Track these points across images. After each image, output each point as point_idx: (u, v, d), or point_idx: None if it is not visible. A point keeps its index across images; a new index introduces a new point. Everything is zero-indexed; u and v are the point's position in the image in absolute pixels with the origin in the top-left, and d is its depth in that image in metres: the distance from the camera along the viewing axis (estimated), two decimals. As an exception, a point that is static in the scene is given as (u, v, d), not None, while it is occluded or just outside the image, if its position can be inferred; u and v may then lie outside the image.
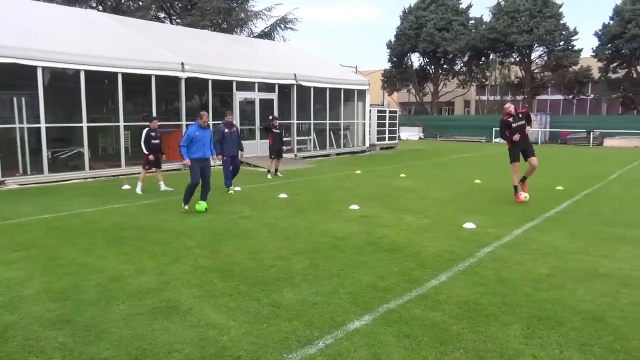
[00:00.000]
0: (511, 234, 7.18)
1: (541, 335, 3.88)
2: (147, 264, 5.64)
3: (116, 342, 3.73)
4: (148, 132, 10.65)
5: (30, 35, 12.96)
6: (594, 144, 30.87)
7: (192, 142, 8.57)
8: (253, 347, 3.66)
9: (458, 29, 41.89)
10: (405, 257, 5.97)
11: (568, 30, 38.91)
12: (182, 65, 15.16)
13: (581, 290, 4.86)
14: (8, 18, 13.88)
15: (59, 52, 12.59)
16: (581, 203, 9.88)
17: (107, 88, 15.42)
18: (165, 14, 32.85)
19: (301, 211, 8.78)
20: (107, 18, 18.21)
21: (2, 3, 15.25)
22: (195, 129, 8.63)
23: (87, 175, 13.22)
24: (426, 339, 3.80)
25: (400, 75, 47.43)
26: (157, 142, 10.81)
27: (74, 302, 4.48)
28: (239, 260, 5.78)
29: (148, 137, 10.63)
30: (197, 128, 8.64)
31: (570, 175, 14.64)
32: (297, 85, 19.45)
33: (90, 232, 7.17)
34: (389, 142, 26.21)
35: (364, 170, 15.52)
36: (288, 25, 33.12)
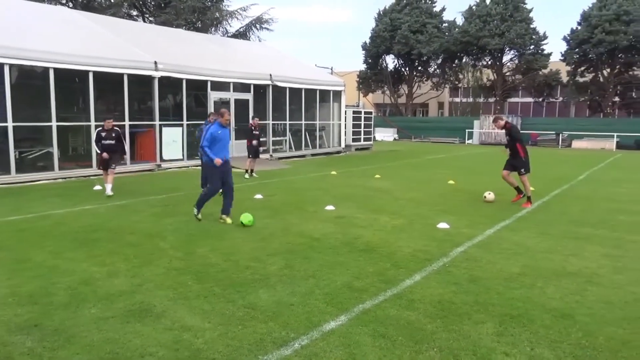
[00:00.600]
0: (483, 233, 7.31)
1: (513, 333, 3.96)
2: (120, 266, 5.54)
3: (87, 347, 3.64)
4: (99, 132, 10.25)
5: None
6: (563, 145, 31.68)
7: (214, 142, 7.82)
8: (228, 349, 3.63)
9: (432, 31, 42.42)
10: (380, 257, 6.02)
11: (538, 35, 39.84)
12: (155, 64, 14.94)
13: (551, 289, 4.98)
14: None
15: (27, 49, 12.24)
16: (551, 203, 10.12)
17: (77, 87, 15.07)
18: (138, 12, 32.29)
19: (277, 212, 8.75)
20: (78, 15, 17.80)
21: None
22: (216, 127, 7.89)
23: (57, 175, 12.89)
24: (401, 338, 3.84)
25: (375, 77, 47.76)
26: (110, 142, 10.20)
27: (42, 306, 4.37)
28: (213, 262, 5.73)
29: (98, 137, 10.20)
30: (219, 127, 7.90)
31: (541, 176, 14.97)
32: (272, 85, 19.39)
33: (60, 234, 7.00)
34: (364, 143, 26.37)
35: (339, 171, 15.57)
36: (263, 25, 33.00)
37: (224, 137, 7.95)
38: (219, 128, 7.91)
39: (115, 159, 10.48)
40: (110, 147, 10.23)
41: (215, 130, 7.88)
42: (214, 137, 7.81)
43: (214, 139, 7.81)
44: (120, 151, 10.67)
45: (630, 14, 34.47)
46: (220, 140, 7.87)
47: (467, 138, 35.72)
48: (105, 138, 10.17)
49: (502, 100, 44.27)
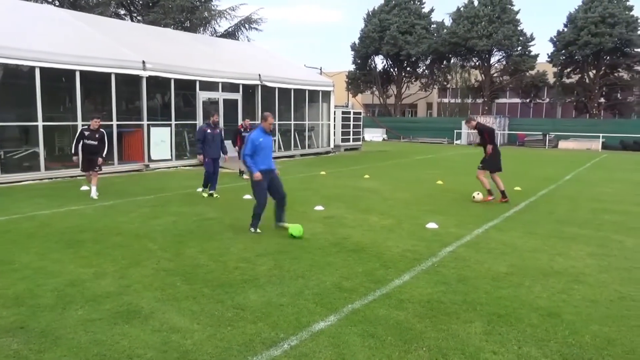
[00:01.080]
0: (472, 233, 7.36)
1: (501, 332, 3.99)
2: (107, 267, 5.49)
3: (74, 349, 3.61)
4: (82, 131, 9.77)
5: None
6: (550, 146, 32.01)
7: (257, 151, 6.96)
8: (217, 351, 3.61)
9: (420, 32, 42.64)
10: (369, 257, 6.03)
11: (525, 36, 40.24)
12: (143, 63, 14.83)
13: (538, 288, 5.03)
14: (-43, 11, 13.24)
15: (13, 47, 12.09)
16: (538, 203, 10.22)
17: (64, 86, 14.91)
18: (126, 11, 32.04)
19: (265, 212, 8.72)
20: (65, 14, 17.61)
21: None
22: (258, 134, 7.05)
23: (43, 176, 12.74)
24: (390, 338, 3.85)
25: (364, 77, 47.88)
26: (93, 143, 9.71)
27: (28, 308, 4.31)
28: (202, 263, 5.70)
29: (80, 136, 9.72)
30: (261, 133, 7.08)
31: (528, 176, 15.12)
32: (261, 85, 19.35)
33: (46, 235, 6.91)
34: (354, 143, 26.41)
35: (328, 171, 15.58)
36: (252, 25, 32.91)
37: (267, 144, 7.16)
38: (262, 135, 7.09)
39: (96, 161, 9.93)
40: (93, 148, 9.77)
41: (257, 137, 7.03)
42: (256, 146, 6.96)
43: (256, 147, 6.96)
44: (101, 153, 9.97)
45: (615, 16, 34.97)
46: (263, 149, 7.05)
47: (455, 138, 35.95)
48: (88, 138, 9.74)
49: (490, 101, 44.65)
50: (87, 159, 9.81)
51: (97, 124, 9.86)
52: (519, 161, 20.92)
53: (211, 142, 10.27)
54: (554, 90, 41.99)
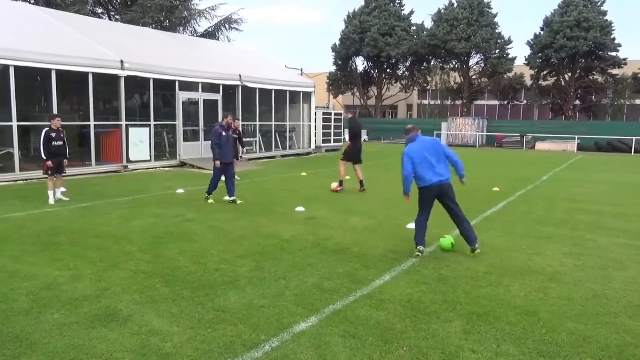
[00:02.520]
0: (451, 233, 7.43)
1: (480, 331, 4.04)
2: (84, 270, 5.39)
3: (50, 353, 3.53)
4: (47, 133, 9.14)
5: (-47, 27, 12.07)
6: (527, 147, 32.55)
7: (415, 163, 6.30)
8: (197, 353, 3.58)
9: (401, 34, 42.95)
10: (350, 257, 6.05)
11: (503, 39, 40.86)
12: (121, 62, 14.62)
13: (516, 286, 5.11)
14: None
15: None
16: (515, 203, 10.39)
17: (39, 85, 14.61)
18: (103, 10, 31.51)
19: (246, 213, 8.69)
20: (40, 11, 17.24)
21: None
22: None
23: (17, 177, 12.46)
24: (371, 338, 3.87)
25: (345, 78, 48.02)
26: (60, 143, 9.30)
27: (2, 312, 4.21)
28: (182, 265, 5.64)
29: (47, 138, 9.11)
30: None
31: (506, 177, 15.35)
32: (242, 86, 19.26)
33: (20, 237, 6.76)
34: (334, 144, 26.47)
35: (309, 172, 15.58)
36: (233, 25, 32.68)
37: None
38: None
39: (63, 164, 9.57)
40: (61, 150, 9.38)
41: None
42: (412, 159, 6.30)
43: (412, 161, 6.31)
44: (66, 153, 9.61)
45: (590, 20, 35.78)
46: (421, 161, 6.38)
47: (435, 140, 36.25)
48: (55, 139, 9.24)
49: (469, 102, 45.21)
50: (55, 161, 9.27)
51: (59, 123, 9.36)
52: (497, 162, 21.24)
53: (225, 145, 9.65)
54: (531, 92, 42.75)
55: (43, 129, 9.31)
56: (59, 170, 9.47)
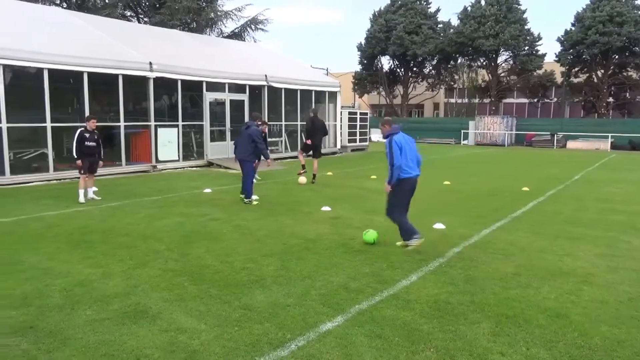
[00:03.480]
0: (479, 234, 7.33)
1: (509, 333, 3.97)
2: (114, 267, 5.51)
3: (82, 349, 3.62)
4: (81, 133, 9.36)
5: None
6: (558, 146, 31.82)
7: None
8: (224, 351, 3.62)
9: (427, 32, 42.53)
10: (376, 257, 6.02)
11: (532, 36, 40.02)
12: (150, 65, 14.90)
13: (546, 288, 5.00)
14: (-34, 14, 13.37)
15: (21, 50, 12.18)
16: (545, 203, 10.16)
17: (72, 87, 15.00)
18: (133, 13, 32.17)
19: (271, 213, 8.74)
20: (72, 16, 17.71)
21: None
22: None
23: (51, 177, 12.83)
24: (397, 339, 3.84)
25: (370, 78, 47.82)
26: (93, 144, 9.48)
27: (37, 308, 4.34)
28: (209, 263, 5.72)
29: (81, 138, 9.33)
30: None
31: (535, 176, 15.04)
32: (268, 86, 19.37)
33: (54, 235, 6.96)
34: (360, 143, 26.38)
35: (335, 172, 15.57)
36: (258, 26, 32.93)
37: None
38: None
39: (97, 163, 9.81)
40: (94, 150, 9.58)
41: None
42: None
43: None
44: (100, 154, 9.83)
45: (624, 15, 34.69)
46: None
47: (462, 139, 35.83)
48: (89, 139, 9.45)
49: (497, 101, 44.46)
50: (88, 161, 9.53)
51: (94, 125, 9.60)
52: (527, 161, 20.82)
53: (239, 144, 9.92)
54: (561, 89, 41.75)
55: (78, 129, 9.57)
56: (90, 170, 9.70)
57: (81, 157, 9.40)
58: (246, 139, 9.74)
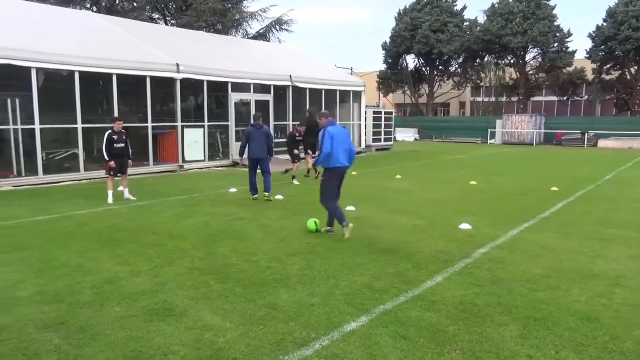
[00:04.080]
0: (506, 234, 7.20)
1: (537, 336, 3.89)
2: (142, 265, 5.62)
3: (111, 344, 3.71)
4: (110, 135, 9.50)
5: (25, 36, 12.89)
6: (589, 145, 31.04)
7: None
8: (249, 349, 3.65)
9: (453, 30, 42.04)
10: (400, 257, 5.98)
11: (562, 32, 39.15)
12: (177, 66, 15.13)
13: (576, 291, 4.88)
14: (1, 19, 13.80)
15: (53, 53, 12.53)
16: (575, 204, 9.93)
17: (101, 89, 15.36)
18: (160, 15, 32.73)
19: (296, 212, 8.77)
20: (102, 19, 18.13)
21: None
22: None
23: (82, 176, 13.16)
24: (422, 340, 3.80)
25: (395, 77, 47.55)
26: (121, 145, 9.63)
27: (68, 304, 4.46)
28: (234, 262, 5.77)
29: (109, 140, 9.48)
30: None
31: (565, 176, 14.71)
32: (292, 86, 19.44)
33: (83, 234, 7.13)
34: (385, 143, 26.24)
35: (359, 172, 15.52)
36: (283, 26, 33.09)
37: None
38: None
39: (126, 163, 9.96)
40: (122, 151, 9.73)
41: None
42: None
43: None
44: (129, 154, 9.97)
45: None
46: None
47: (489, 138, 35.28)
48: (117, 141, 9.59)
49: (525, 99, 43.65)
50: (117, 162, 9.68)
51: (120, 126, 9.70)
52: (556, 161, 20.36)
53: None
54: (592, 87, 40.72)
55: (106, 131, 9.74)
56: (121, 170, 9.88)
57: (111, 158, 9.58)
58: (263, 138, 10.03)
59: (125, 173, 10.05)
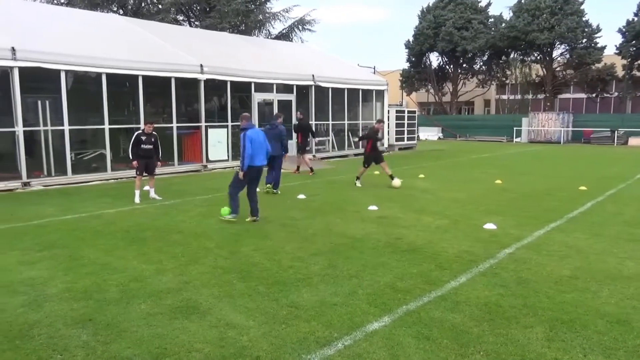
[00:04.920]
0: (532, 234, 7.07)
1: (564, 339, 3.81)
2: (167, 264, 5.71)
3: (137, 341, 3.78)
4: (138, 136, 9.72)
5: (54, 40, 13.23)
6: (619, 143, 30.20)
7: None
8: (272, 348, 3.67)
9: (477, 27, 41.45)
10: (424, 258, 5.93)
11: (591, 28, 38.20)
12: (201, 67, 15.31)
13: (605, 293, 4.76)
14: (32, 23, 14.19)
15: (81, 55, 12.82)
16: (605, 203, 9.68)
17: (128, 90, 15.65)
18: (184, 17, 33.18)
19: (319, 212, 8.78)
20: (128, 22, 18.48)
21: (27, 9, 15.63)
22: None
23: (109, 176, 13.43)
24: (446, 341, 3.77)
25: (418, 75, 47.13)
26: (149, 147, 9.78)
27: (96, 301, 4.56)
28: (257, 261, 5.81)
29: (137, 141, 9.67)
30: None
31: (594, 175, 14.35)
32: (315, 86, 19.47)
33: (111, 232, 7.28)
34: (408, 142, 26.04)
35: (382, 171, 15.43)
36: (306, 26, 33.17)
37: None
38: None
39: (154, 165, 10.10)
40: (150, 152, 9.87)
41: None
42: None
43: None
44: (156, 156, 10.10)
45: (693, 2, 32.49)
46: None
47: (515, 136, 34.67)
48: (145, 142, 9.76)
49: (553, 96, 42.74)
50: (144, 162, 9.83)
51: (151, 128, 9.88)
52: (585, 159, 19.89)
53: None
54: (623, 83, 39.60)
55: (136, 132, 9.98)
56: (148, 171, 10.03)
57: (137, 158, 9.79)
58: (277, 138, 10.80)
59: (152, 173, 10.21)
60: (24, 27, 13.52)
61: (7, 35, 12.02)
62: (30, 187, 11.81)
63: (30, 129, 12.59)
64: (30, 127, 12.55)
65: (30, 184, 11.90)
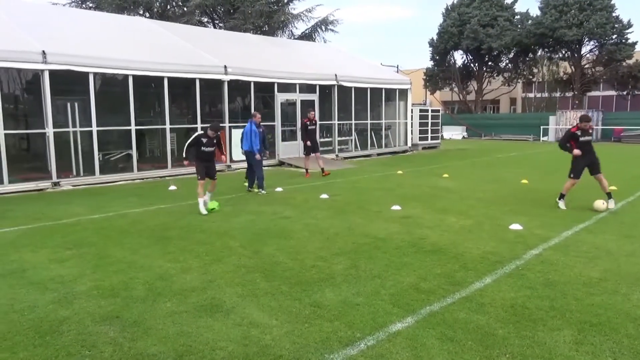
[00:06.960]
0: (560, 235, 6.93)
1: (593, 342, 3.72)
2: (192, 263, 5.78)
3: (163, 339, 3.84)
4: (199, 137, 9.09)
5: (83, 43, 13.54)
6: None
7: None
8: (295, 347, 3.68)
9: (503, 24, 40.79)
10: (448, 258, 5.87)
11: (621, 23, 37.18)
12: (224, 68, 15.46)
13: (636, 296, 4.63)
14: (61, 27, 14.56)
15: (109, 58, 13.09)
16: (636, 204, 9.42)
17: (153, 92, 15.91)
18: (209, 19, 33.57)
19: (342, 212, 8.77)
20: (154, 24, 18.78)
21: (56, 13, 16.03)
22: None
23: (135, 176, 13.68)
24: (470, 343, 3.72)
25: (442, 74, 46.64)
26: (210, 149, 9.14)
27: (123, 299, 4.65)
28: (280, 260, 5.84)
29: (197, 142, 9.02)
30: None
31: (624, 174, 13.98)
32: (337, 85, 19.45)
33: (137, 231, 7.41)
34: (432, 141, 25.80)
35: (405, 171, 15.35)
36: (329, 26, 33.16)
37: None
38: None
39: (214, 169, 9.48)
40: (210, 156, 9.24)
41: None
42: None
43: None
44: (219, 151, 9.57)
45: None
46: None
47: (542, 135, 34.00)
48: (206, 145, 9.06)
49: (581, 94, 41.77)
50: (204, 166, 9.16)
51: (213, 134, 9.22)
52: (615, 158, 19.37)
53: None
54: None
55: (197, 132, 9.48)
56: (208, 174, 9.31)
57: (197, 162, 9.17)
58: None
59: (213, 177, 9.44)
60: (54, 30, 13.88)
61: (37, 39, 12.36)
62: (60, 187, 12.12)
63: (60, 130, 12.91)
64: (60, 129, 12.86)
65: (59, 184, 12.21)
